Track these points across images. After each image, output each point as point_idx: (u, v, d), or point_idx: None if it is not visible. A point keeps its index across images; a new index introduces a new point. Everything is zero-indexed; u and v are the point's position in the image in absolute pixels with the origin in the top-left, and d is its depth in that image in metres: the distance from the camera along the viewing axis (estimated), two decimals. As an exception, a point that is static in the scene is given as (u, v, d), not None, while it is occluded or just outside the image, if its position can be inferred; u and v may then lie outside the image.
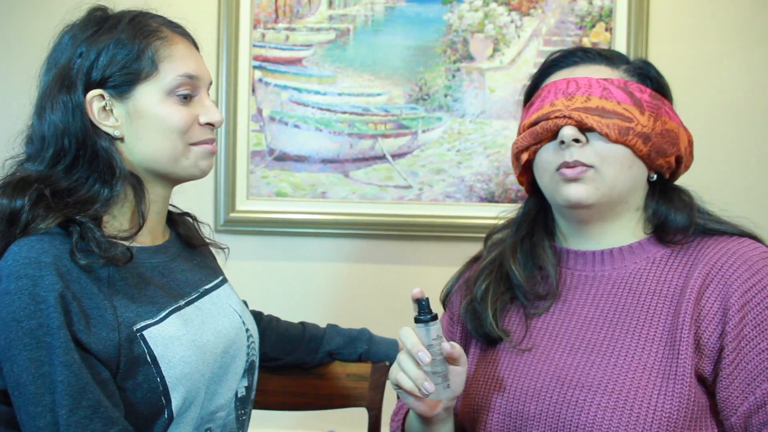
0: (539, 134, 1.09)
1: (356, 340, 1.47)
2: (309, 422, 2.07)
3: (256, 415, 1.29)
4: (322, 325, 1.49)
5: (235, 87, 2.10)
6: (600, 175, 1.05)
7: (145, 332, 1.04)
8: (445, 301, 1.29)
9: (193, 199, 1.41)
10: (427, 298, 1.03)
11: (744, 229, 1.10)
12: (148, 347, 1.03)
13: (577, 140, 1.05)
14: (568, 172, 1.05)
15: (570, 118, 1.05)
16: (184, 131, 1.11)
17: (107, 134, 1.09)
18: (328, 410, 1.51)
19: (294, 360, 1.44)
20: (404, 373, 1.00)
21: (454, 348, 1.02)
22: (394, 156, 2.10)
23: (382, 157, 2.10)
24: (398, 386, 1.02)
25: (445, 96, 2.08)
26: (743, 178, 2.04)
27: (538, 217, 1.20)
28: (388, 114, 2.09)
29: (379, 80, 2.09)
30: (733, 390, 0.99)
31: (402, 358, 1.02)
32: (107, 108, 1.09)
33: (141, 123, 1.09)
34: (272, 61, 2.11)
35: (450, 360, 1.03)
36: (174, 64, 1.10)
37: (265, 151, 2.11)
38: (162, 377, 1.04)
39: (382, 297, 2.09)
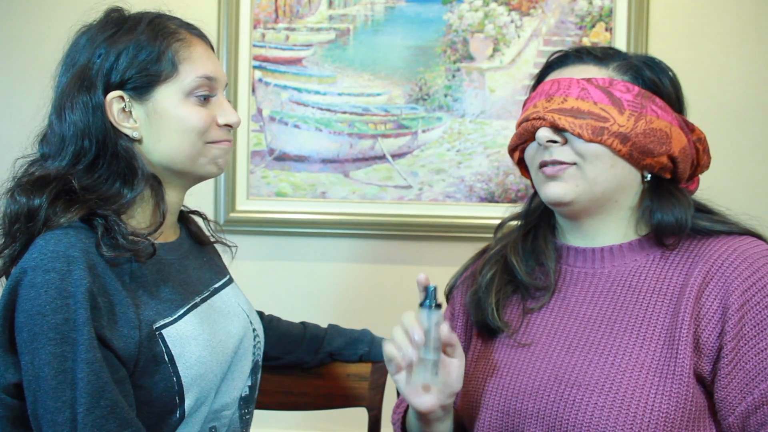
0: (522, 135, 1.12)
1: (358, 342, 1.46)
2: (309, 422, 2.07)
3: (256, 414, 1.29)
4: (323, 325, 1.49)
5: (235, 87, 2.10)
6: (581, 171, 1.07)
7: (163, 331, 1.04)
8: (448, 295, 1.29)
9: (194, 199, 1.41)
10: (435, 286, 1.03)
11: (747, 228, 1.10)
12: (166, 346, 1.04)
13: (553, 141, 1.07)
14: (547, 170, 1.08)
15: (544, 119, 1.07)
16: (203, 132, 1.11)
17: (126, 135, 1.09)
18: (328, 410, 1.51)
19: (294, 360, 1.44)
20: (396, 345, 1.02)
21: (452, 336, 1.03)
22: (394, 156, 2.10)
23: (382, 157, 2.10)
24: (391, 359, 1.02)
25: (445, 96, 2.08)
26: (743, 177, 2.04)
27: (542, 213, 1.20)
28: (388, 114, 2.09)
29: (379, 80, 2.09)
30: (731, 390, 0.99)
31: (396, 331, 1.03)
32: (126, 109, 1.09)
33: (161, 124, 1.09)
34: (272, 61, 2.11)
35: (446, 347, 1.03)
36: (193, 66, 1.11)
37: (265, 151, 2.12)
38: (178, 377, 1.04)
39: (382, 297, 2.09)
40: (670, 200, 1.09)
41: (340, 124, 2.10)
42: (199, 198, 2.09)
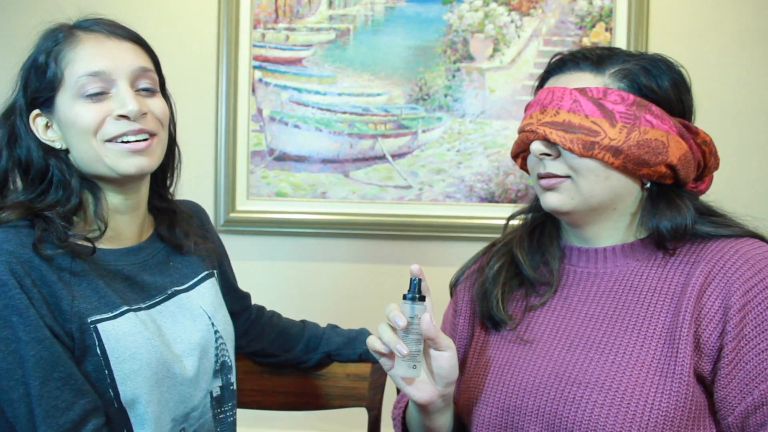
0: (520, 145, 1.13)
1: (356, 341, 1.47)
2: (309, 422, 2.07)
3: (257, 415, 1.29)
4: (323, 325, 1.50)
5: (235, 87, 2.10)
6: (576, 185, 1.07)
7: (99, 325, 1.07)
8: (452, 289, 1.29)
9: (193, 199, 1.41)
10: (420, 279, 1.04)
11: (749, 230, 1.09)
12: (100, 340, 1.06)
13: (547, 154, 1.07)
14: (543, 182, 1.09)
15: (537, 133, 1.07)
16: (95, 129, 1.10)
17: (54, 148, 1.12)
18: (328, 410, 1.51)
19: (291, 358, 1.44)
20: (379, 338, 1.03)
21: (430, 329, 1.02)
22: (394, 156, 2.10)
23: (382, 157, 2.10)
24: (374, 350, 1.04)
25: (445, 96, 2.08)
26: (743, 178, 2.04)
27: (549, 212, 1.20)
28: (388, 114, 2.10)
29: (379, 80, 2.09)
30: (731, 390, 0.99)
31: (381, 326, 1.04)
32: (48, 124, 1.12)
33: (66, 131, 1.11)
34: (272, 61, 2.11)
35: (428, 341, 1.03)
36: (75, 67, 1.10)
37: (265, 151, 2.12)
38: (110, 370, 1.06)
39: (382, 297, 2.08)
40: (669, 207, 1.08)
41: (340, 124, 2.10)
42: (199, 198, 2.09)
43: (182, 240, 1.26)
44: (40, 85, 1.10)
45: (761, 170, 2.05)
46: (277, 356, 1.43)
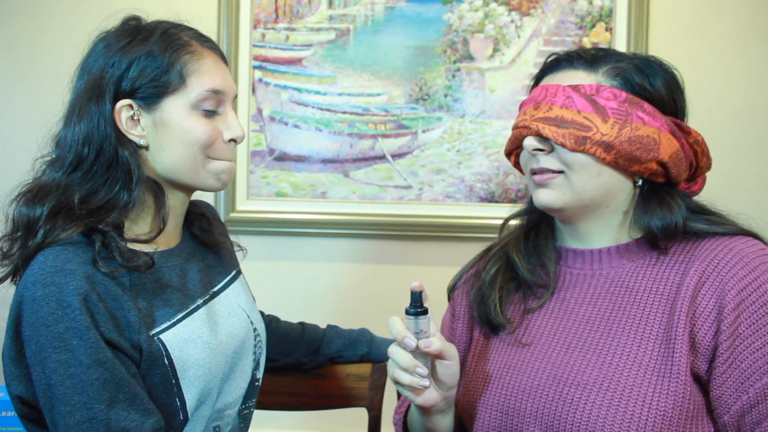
0: (514, 142, 1.14)
1: (357, 342, 1.47)
2: (309, 422, 2.07)
3: (257, 414, 1.29)
4: (322, 325, 1.49)
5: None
6: (568, 180, 1.07)
7: (162, 335, 1.07)
8: (450, 294, 1.29)
9: (193, 198, 1.41)
10: (420, 292, 1.03)
11: (743, 228, 1.10)
12: (166, 350, 1.06)
13: (540, 149, 1.08)
14: (536, 178, 1.10)
15: (530, 128, 1.08)
16: (206, 145, 1.13)
17: (132, 142, 1.11)
18: (328, 410, 1.51)
19: (292, 361, 1.44)
20: (397, 364, 1.02)
21: (430, 347, 1.02)
22: (394, 156, 2.10)
23: (382, 157, 2.10)
24: (397, 382, 1.03)
25: (445, 96, 2.08)
26: (743, 178, 2.04)
27: (543, 213, 1.21)
28: (388, 114, 2.10)
29: (379, 80, 2.09)
30: (726, 388, 0.99)
31: (392, 350, 1.03)
32: (135, 117, 1.11)
33: (166, 134, 1.11)
34: (272, 61, 2.11)
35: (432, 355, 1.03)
36: (201, 79, 1.12)
37: (265, 151, 2.12)
38: (177, 379, 1.07)
39: (382, 297, 2.09)
40: (660, 205, 1.09)
41: (340, 124, 2.10)
42: (199, 198, 2.09)
43: (218, 239, 1.28)
44: (154, 81, 1.10)
45: (761, 170, 2.05)
46: (277, 361, 1.43)
